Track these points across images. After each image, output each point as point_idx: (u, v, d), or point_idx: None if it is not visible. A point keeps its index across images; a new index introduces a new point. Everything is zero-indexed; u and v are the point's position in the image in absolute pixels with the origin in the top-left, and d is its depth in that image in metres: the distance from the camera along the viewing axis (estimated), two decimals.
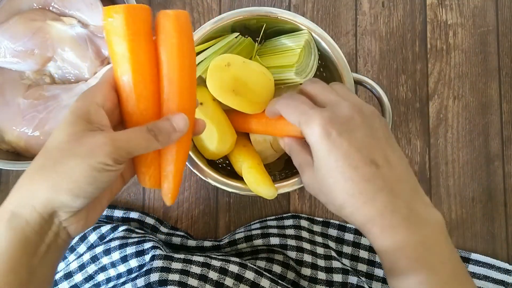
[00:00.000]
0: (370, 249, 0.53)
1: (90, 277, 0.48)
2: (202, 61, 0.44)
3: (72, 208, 0.28)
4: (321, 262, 0.49)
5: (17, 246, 0.27)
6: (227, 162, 0.51)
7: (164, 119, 0.31)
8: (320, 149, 0.32)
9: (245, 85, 0.41)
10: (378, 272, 0.52)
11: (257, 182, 0.42)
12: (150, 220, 0.52)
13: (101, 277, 0.48)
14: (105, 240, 0.49)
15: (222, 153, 0.44)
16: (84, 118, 0.29)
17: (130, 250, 0.46)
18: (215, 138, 0.43)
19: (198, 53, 0.45)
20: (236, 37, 0.46)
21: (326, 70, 0.48)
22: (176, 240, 0.51)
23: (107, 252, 0.47)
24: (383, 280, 0.52)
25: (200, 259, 0.44)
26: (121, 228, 0.49)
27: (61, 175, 0.27)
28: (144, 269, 0.43)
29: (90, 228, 0.49)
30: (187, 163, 0.43)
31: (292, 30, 0.46)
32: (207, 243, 0.51)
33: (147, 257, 0.45)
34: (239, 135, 0.46)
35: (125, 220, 0.52)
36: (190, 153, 0.43)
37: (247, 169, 0.43)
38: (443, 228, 0.31)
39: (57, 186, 0.27)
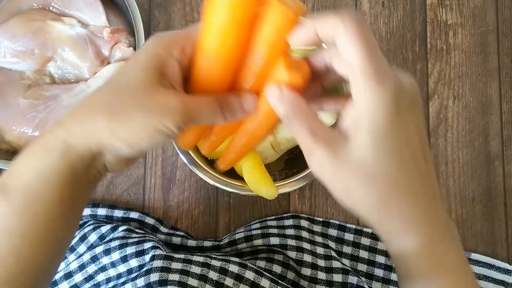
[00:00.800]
0: (370, 249, 0.53)
1: (90, 277, 0.48)
2: None
3: (121, 156, 0.27)
4: (321, 262, 0.49)
5: (68, 178, 0.26)
6: None
7: (234, 95, 0.28)
8: (380, 125, 0.23)
9: None
10: (378, 272, 0.52)
11: (257, 182, 0.42)
12: (150, 220, 0.52)
13: (101, 277, 0.48)
14: (105, 240, 0.49)
15: (222, 152, 0.44)
16: (160, 69, 0.26)
17: (130, 250, 0.46)
18: None
19: None
20: None
21: None
22: (176, 240, 0.51)
23: (107, 252, 0.47)
24: (383, 280, 0.52)
25: (200, 259, 0.44)
26: (121, 228, 0.49)
27: (124, 124, 0.25)
28: (144, 269, 0.43)
29: (90, 228, 0.49)
30: (187, 163, 0.43)
31: None
32: (207, 243, 0.51)
33: (147, 257, 0.45)
34: None
35: (125, 220, 0.52)
36: (190, 153, 0.43)
37: (248, 169, 0.43)
38: (459, 239, 0.28)
39: (117, 133, 0.25)
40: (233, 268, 0.44)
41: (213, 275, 0.43)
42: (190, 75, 0.29)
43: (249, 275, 0.43)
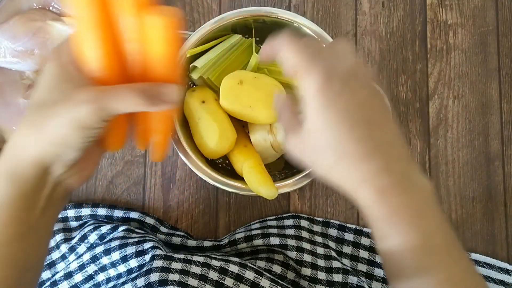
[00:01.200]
0: (370, 249, 0.53)
1: (90, 277, 0.48)
2: (204, 62, 0.44)
3: (63, 162, 0.29)
4: (321, 262, 0.49)
5: (17, 200, 0.28)
6: (227, 162, 0.51)
7: (157, 84, 0.30)
8: (317, 102, 0.28)
9: (259, 99, 0.42)
10: (378, 272, 0.52)
11: (258, 182, 0.42)
12: (150, 220, 0.52)
13: (101, 277, 0.48)
14: (105, 240, 0.49)
15: (222, 151, 0.44)
16: (65, 77, 0.29)
17: (130, 250, 0.46)
18: (216, 135, 0.43)
19: (201, 54, 0.45)
20: (237, 39, 0.46)
21: None
22: (176, 240, 0.51)
23: (107, 252, 0.47)
24: (383, 280, 0.52)
25: (200, 259, 0.44)
26: (121, 228, 0.49)
27: (49, 132, 0.28)
28: (144, 269, 0.43)
29: (90, 228, 0.49)
30: (187, 163, 0.43)
31: (292, 30, 0.45)
32: (207, 243, 0.51)
33: (147, 257, 0.45)
34: (239, 135, 0.46)
35: (125, 220, 0.52)
36: (190, 152, 0.43)
37: (248, 169, 0.43)
38: (434, 195, 0.30)
39: (47, 141, 0.28)
40: (233, 268, 0.44)
41: (213, 275, 0.43)
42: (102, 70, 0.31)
43: (249, 275, 0.43)
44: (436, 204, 0.30)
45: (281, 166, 0.50)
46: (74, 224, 0.52)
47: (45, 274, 0.50)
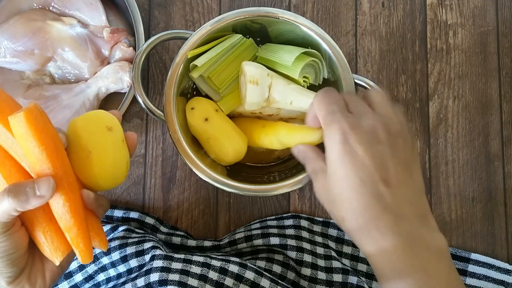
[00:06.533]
0: None
1: (90, 277, 0.48)
2: (204, 60, 0.44)
3: (3, 276, 0.31)
4: (321, 262, 0.49)
5: None
6: None
7: (26, 181, 0.31)
8: (335, 155, 0.31)
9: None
10: None
11: (301, 134, 0.41)
12: (150, 220, 0.52)
13: (101, 277, 0.48)
14: None
15: (239, 158, 0.45)
16: None
17: (130, 250, 0.46)
18: (229, 150, 0.44)
19: (201, 54, 0.45)
20: (238, 39, 0.46)
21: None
22: (176, 240, 0.51)
23: (107, 252, 0.47)
24: None
25: (200, 259, 0.44)
26: (121, 228, 0.49)
27: None
28: (144, 269, 0.43)
29: None
30: (187, 163, 0.43)
31: (292, 30, 0.45)
32: (207, 243, 0.51)
33: (147, 257, 0.45)
34: (249, 123, 0.46)
35: (125, 220, 0.52)
36: (190, 153, 0.43)
37: (285, 132, 0.42)
38: (446, 253, 0.30)
39: None
40: (233, 268, 0.44)
41: (213, 275, 0.43)
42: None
43: (249, 275, 0.43)
44: (448, 262, 0.30)
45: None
46: None
47: None
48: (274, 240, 0.49)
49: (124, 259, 0.46)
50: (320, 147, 0.37)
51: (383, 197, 0.29)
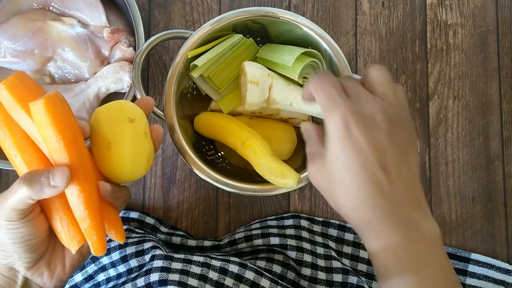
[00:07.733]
0: None
1: (90, 277, 0.48)
2: (205, 60, 0.44)
3: (22, 260, 0.32)
4: (321, 262, 0.49)
5: None
6: (227, 161, 0.51)
7: (41, 169, 0.31)
8: (336, 141, 0.31)
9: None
10: None
11: (281, 174, 0.42)
12: (150, 220, 0.52)
13: (101, 277, 0.48)
14: None
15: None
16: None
17: (130, 250, 0.46)
18: (288, 137, 0.47)
19: (202, 54, 0.45)
20: (238, 39, 0.46)
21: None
22: (176, 240, 0.51)
23: (107, 252, 0.47)
24: None
25: (200, 259, 0.44)
26: None
27: None
28: (144, 269, 0.43)
29: None
30: (187, 163, 0.43)
31: (292, 30, 0.45)
32: (207, 243, 0.51)
33: (147, 257, 0.45)
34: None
35: (125, 220, 0.52)
36: (190, 152, 0.43)
37: (265, 164, 0.43)
38: (440, 240, 0.31)
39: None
40: (233, 268, 0.44)
41: (213, 275, 0.43)
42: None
43: (249, 275, 0.43)
44: (441, 249, 0.31)
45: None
46: None
47: None
48: (274, 240, 0.49)
49: (124, 259, 0.46)
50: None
51: (382, 183, 0.30)
